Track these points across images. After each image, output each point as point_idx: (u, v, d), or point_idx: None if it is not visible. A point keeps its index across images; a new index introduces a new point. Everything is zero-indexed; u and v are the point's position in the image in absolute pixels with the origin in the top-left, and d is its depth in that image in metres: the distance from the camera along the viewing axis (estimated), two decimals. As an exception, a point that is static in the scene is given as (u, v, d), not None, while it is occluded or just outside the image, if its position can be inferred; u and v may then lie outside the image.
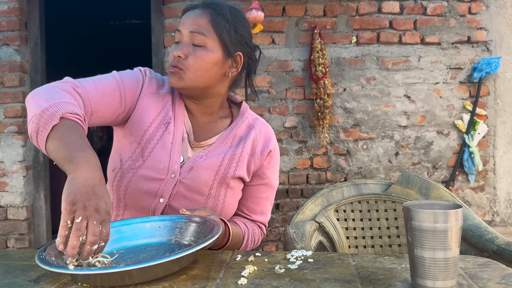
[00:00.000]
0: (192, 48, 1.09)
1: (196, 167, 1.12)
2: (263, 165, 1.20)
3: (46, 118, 0.89)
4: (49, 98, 0.93)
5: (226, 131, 1.18)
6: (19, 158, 3.08)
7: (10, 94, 3.06)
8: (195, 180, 1.11)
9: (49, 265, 0.74)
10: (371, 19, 3.16)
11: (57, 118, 0.89)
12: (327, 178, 3.19)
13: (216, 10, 1.11)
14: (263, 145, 1.20)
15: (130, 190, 1.10)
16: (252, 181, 1.21)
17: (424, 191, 1.45)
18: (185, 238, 0.95)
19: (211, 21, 1.09)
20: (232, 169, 1.14)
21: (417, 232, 0.71)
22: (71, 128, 0.90)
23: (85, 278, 0.75)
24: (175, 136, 1.12)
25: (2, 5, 3.03)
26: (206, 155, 1.14)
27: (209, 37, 1.09)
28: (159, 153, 1.10)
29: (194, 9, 1.12)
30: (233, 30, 1.11)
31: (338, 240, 1.39)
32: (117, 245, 0.93)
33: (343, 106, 3.19)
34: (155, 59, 3.15)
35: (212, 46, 1.09)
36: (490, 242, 1.26)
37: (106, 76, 1.11)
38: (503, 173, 3.25)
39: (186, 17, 1.12)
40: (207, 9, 1.11)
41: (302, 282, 0.75)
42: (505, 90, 3.24)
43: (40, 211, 3.15)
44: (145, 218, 1.00)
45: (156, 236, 0.97)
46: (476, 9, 3.19)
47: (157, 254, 0.89)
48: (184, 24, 1.11)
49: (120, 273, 0.72)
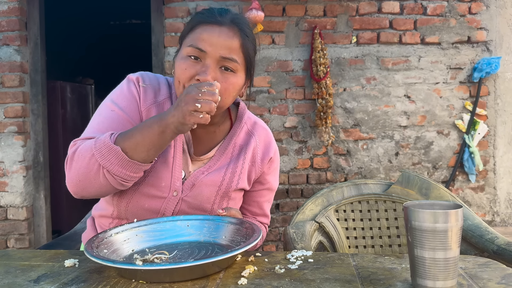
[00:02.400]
0: (220, 72, 1.00)
1: (198, 184, 1.08)
2: (264, 172, 1.18)
3: (113, 157, 0.91)
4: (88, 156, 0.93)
5: (225, 141, 1.12)
6: (19, 158, 3.08)
7: (10, 94, 3.06)
8: (197, 197, 1.08)
9: (113, 262, 0.74)
10: (371, 19, 3.16)
11: (115, 147, 0.91)
12: (327, 178, 3.19)
13: (244, 31, 1.03)
14: (263, 153, 1.16)
15: (131, 207, 1.06)
16: (254, 187, 1.19)
17: (424, 191, 1.44)
18: (220, 238, 0.95)
19: (242, 46, 1.02)
20: (234, 183, 1.11)
21: (417, 232, 0.71)
22: (125, 135, 0.93)
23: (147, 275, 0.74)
24: (176, 149, 1.07)
25: (2, 5, 3.03)
26: (207, 170, 1.09)
27: (240, 63, 1.02)
28: (160, 169, 1.05)
29: (220, 25, 1.00)
30: (254, 51, 1.07)
31: (338, 240, 1.39)
32: (147, 244, 0.93)
33: (343, 106, 3.18)
34: (155, 59, 3.15)
35: (241, 72, 1.03)
36: (490, 242, 1.26)
37: (106, 114, 1.04)
38: (503, 173, 3.25)
39: (209, 35, 0.99)
40: (235, 28, 1.01)
41: (302, 282, 0.75)
42: (505, 90, 3.24)
43: (40, 211, 3.15)
44: (173, 217, 1.00)
45: (186, 235, 0.97)
46: (476, 9, 3.19)
47: (192, 253, 0.89)
48: (211, 44, 0.98)
49: (184, 268, 0.73)
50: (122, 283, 0.75)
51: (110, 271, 0.81)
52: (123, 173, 0.93)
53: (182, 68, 0.99)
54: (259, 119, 1.22)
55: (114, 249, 0.87)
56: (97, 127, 1.02)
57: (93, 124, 1.03)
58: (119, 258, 0.86)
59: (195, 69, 0.98)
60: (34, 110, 3.14)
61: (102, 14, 5.01)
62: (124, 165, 0.92)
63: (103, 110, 1.05)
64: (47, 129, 3.28)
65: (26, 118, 3.12)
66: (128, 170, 0.93)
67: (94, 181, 0.94)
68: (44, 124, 3.20)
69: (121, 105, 1.05)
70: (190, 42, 1.00)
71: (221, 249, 0.91)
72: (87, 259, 0.88)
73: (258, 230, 0.88)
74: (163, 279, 0.75)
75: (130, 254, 0.88)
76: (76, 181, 0.95)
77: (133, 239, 0.92)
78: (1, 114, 3.08)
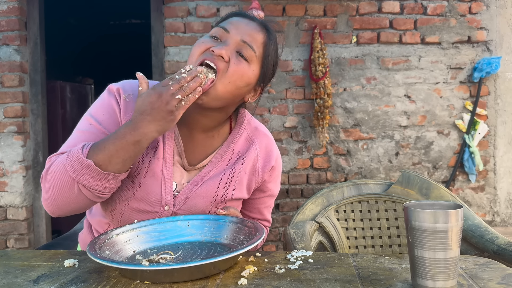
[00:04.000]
0: (236, 55, 0.97)
1: (192, 196, 1.03)
2: (265, 180, 1.13)
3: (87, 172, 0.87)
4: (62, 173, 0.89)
5: (223, 148, 1.07)
6: (18, 158, 3.08)
7: (10, 94, 3.06)
8: (191, 210, 1.03)
9: (117, 263, 0.74)
10: (371, 19, 3.16)
11: (88, 161, 0.87)
12: (327, 178, 3.19)
13: (271, 34, 1.02)
14: (264, 162, 1.11)
15: (124, 222, 1.02)
16: (254, 195, 1.16)
17: (425, 191, 1.44)
18: (222, 237, 0.95)
19: (264, 44, 1.00)
20: (229, 193, 1.06)
21: (417, 232, 0.71)
22: (97, 146, 0.89)
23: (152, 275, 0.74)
24: (165, 162, 1.01)
25: (2, 5, 3.03)
26: (201, 179, 1.04)
27: (257, 56, 0.99)
28: (149, 184, 1.00)
29: (250, 20, 1.01)
30: (273, 62, 1.04)
31: (338, 240, 1.39)
32: (148, 244, 0.93)
33: (343, 106, 3.18)
34: (155, 59, 3.15)
35: (254, 67, 0.99)
36: (491, 242, 1.26)
37: (84, 127, 1.01)
38: (503, 173, 3.25)
39: (238, 21, 1.00)
40: (264, 28, 1.01)
41: (302, 282, 0.75)
42: (505, 90, 3.24)
43: (40, 211, 3.15)
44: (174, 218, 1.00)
45: (187, 235, 0.97)
46: (476, 9, 3.19)
47: (195, 253, 0.89)
48: (237, 28, 0.99)
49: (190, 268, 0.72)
50: (122, 283, 0.75)
51: (110, 271, 0.81)
52: (99, 186, 0.89)
53: (200, 43, 0.98)
54: (261, 124, 1.17)
55: (116, 250, 0.87)
56: (74, 142, 0.98)
57: (71, 138, 1.00)
58: (122, 259, 0.85)
59: (211, 44, 0.96)
60: (34, 110, 3.14)
61: (101, 14, 5.01)
62: (99, 178, 0.88)
63: (81, 124, 1.02)
64: (47, 129, 3.28)
65: (25, 118, 3.12)
66: (103, 182, 0.89)
67: (69, 196, 0.90)
68: (43, 124, 3.20)
69: (99, 119, 1.01)
70: (217, 24, 1.01)
71: (223, 248, 0.90)
72: (87, 259, 0.88)
73: (261, 229, 0.88)
74: (174, 278, 0.75)
75: (132, 255, 0.88)
76: (52, 199, 0.92)
77: (134, 240, 0.92)
78: (0, 114, 3.07)
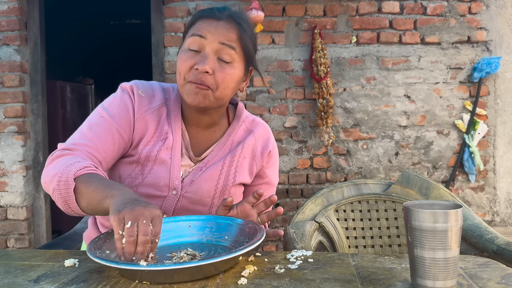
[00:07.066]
0: (218, 63, 1.02)
1: (197, 180, 1.10)
2: (263, 166, 1.20)
3: (63, 188, 0.91)
4: (56, 171, 0.94)
5: (223, 138, 1.15)
6: (19, 158, 3.08)
7: (10, 94, 3.06)
8: (197, 193, 1.10)
9: (116, 262, 0.73)
10: (371, 19, 3.16)
11: (72, 182, 0.90)
12: (327, 178, 3.19)
13: (241, 25, 1.05)
14: (262, 147, 1.19)
15: None
16: (253, 182, 1.21)
17: (424, 191, 1.44)
18: (223, 238, 0.95)
19: (239, 38, 1.04)
20: (231, 176, 1.13)
21: (417, 232, 0.71)
22: (89, 179, 0.91)
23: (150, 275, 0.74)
24: (174, 151, 1.09)
25: (2, 5, 3.03)
26: (205, 165, 1.12)
27: (238, 53, 1.04)
28: (158, 170, 1.08)
29: (218, 20, 1.03)
30: (253, 46, 1.08)
31: (338, 240, 1.39)
32: None
33: (343, 106, 3.18)
34: (155, 59, 3.15)
35: (238, 64, 1.05)
36: (490, 242, 1.26)
37: (95, 119, 1.06)
38: (503, 173, 3.25)
39: (209, 24, 1.03)
40: (232, 22, 1.04)
41: (302, 282, 0.75)
42: (505, 90, 3.24)
43: (40, 211, 3.15)
44: (175, 218, 1.00)
45: (188, 236, 0.97)
46: (476, 9, 3.19)
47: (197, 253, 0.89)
48: (211, 32, 1.02)
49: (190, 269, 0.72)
50: (122, 283, 0.75)
51: (110, 271, 0.81)
52: (66, 208, 0.94)
53: (183, 59, 1.02)
54: (258, 117, 1.24)
55: None
56: (85, 132, 1.04)
57: (82, 129, 1.06)
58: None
59: (194, 60, 1.01)
60: (34, 110, 3.14)
61: (101, 14, 5.01)
62: (70, 205, 0.93)
63: (93, 116, 1.08)
64: (47, 129, 3.28)
65: (26, 118, 3.12)
66: (73, 208, 0.94)
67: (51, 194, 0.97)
68: (44, 124, 3.20)
69: (111, 112, 1.07)
70: (191, 33, 1.04)
71: (224, 249, 0.90)
72: (87, 259, 0.88)
73: (261, 230, 0.88)
74: (174, 279, 0.75)
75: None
76: (43, 184, 1.00)
77: None
78: (1, 114, 3.08)
